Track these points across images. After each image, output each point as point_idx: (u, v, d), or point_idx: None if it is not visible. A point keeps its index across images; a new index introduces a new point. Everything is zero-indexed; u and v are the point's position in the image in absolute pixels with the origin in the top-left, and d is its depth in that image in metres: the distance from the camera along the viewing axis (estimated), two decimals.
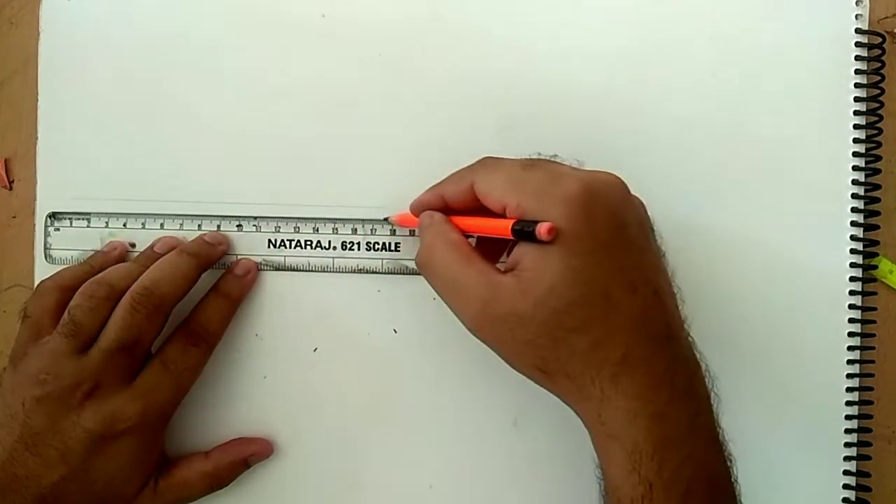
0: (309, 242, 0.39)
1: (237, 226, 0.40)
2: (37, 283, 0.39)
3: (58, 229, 0.40)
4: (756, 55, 0.38)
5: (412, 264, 0.39)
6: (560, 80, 0.39)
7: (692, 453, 0.30)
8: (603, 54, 0.39)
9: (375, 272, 0.39)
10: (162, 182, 0.40)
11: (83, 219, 0.40)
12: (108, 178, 0.40)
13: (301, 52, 0.40)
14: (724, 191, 0.38)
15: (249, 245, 0.40)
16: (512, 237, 0.31)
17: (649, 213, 0.33)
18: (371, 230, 0.39)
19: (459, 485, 0.39)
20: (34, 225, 0.41)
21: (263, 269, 0.40)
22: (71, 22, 0.41)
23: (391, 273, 0.39)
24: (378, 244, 0.39)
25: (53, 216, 0.40)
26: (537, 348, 0.30)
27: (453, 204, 0.34)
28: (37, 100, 0.41)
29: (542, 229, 0.29)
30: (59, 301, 0.36)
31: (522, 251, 0.31)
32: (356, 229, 0.39)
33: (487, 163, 0.34)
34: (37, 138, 0.41)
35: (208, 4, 0.40)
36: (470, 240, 0.33)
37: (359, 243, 0.39)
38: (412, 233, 0.39)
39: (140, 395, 0.35)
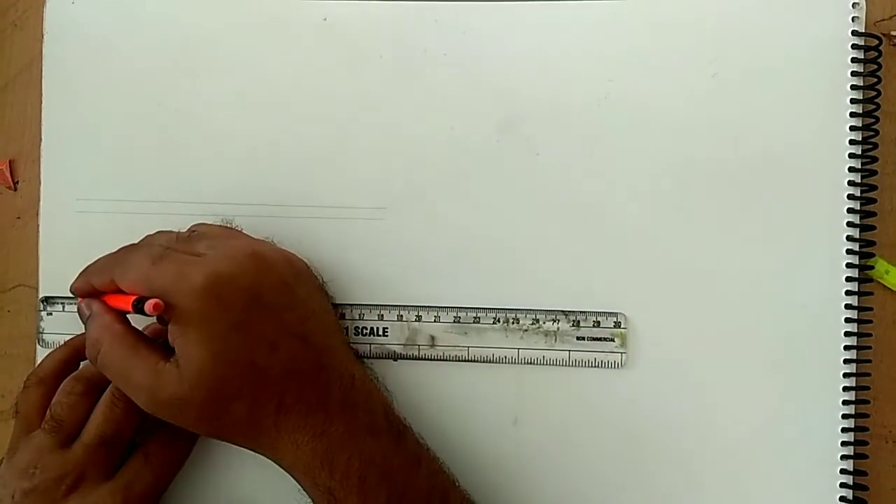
0: None
1: None
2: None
3: (50, 314, 0.40)
4: (753, 57, 0.39)
5: (399, 349, 0.39)
6: (559, 82, 0.39)
7: (354, 451, 0.33)
8: (602, 56, 0.39)
9: (364, 357, 0.39)
10: (165, 181, 0.40)
11: (75, 303, 0.40)
12: (111, 179, 0.41)
13: (302, 54, 0.40)
14: (721, 190, 0.39)
15: None
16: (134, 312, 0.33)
17: None
18: (359, 315, 0.39)
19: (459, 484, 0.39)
20: (38, 226, 0.41)
21: None
22: (75, 24, 0.41)
23: (378, 358, 0.39)
24: (366, 329, 0.39)
25: (46, 301, 0.40)
26: (206, 423, 0.33)
27: (103, 290, 0.35)
28: (41, 101, 0.41)
29: (148, 306, 0.32)
30: (44, 395, 0.37)
31: (173, 338, 0.33)
32: (344, 314, 0.39)
33: (120, 258, 0.35)
34: (41, 139, 0.41)
35: (211, 8, 0.41)
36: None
37: (346, 328, 0.39)
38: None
39: (120, 488, 0.36)
